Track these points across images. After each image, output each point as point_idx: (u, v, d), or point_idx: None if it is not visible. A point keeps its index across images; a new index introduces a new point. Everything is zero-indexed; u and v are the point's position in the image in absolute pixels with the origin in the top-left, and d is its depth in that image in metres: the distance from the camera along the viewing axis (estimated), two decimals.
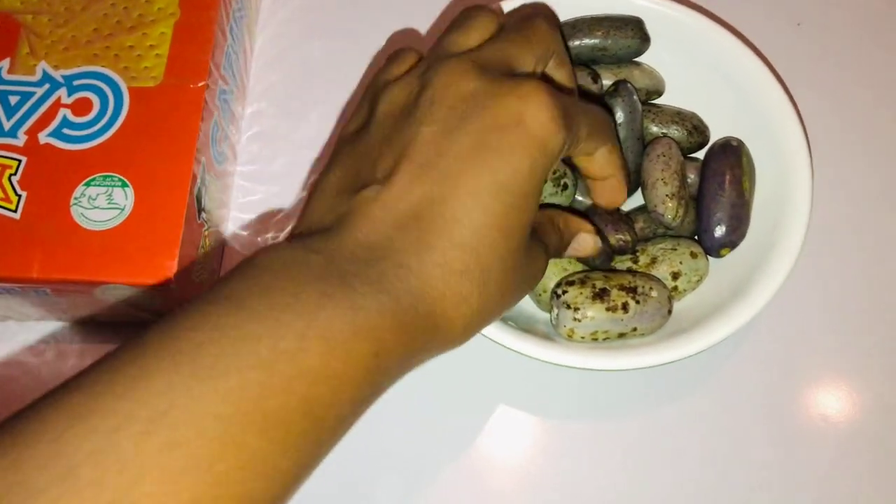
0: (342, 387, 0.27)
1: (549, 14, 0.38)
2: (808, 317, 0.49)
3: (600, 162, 0.39)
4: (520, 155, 0.31)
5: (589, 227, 0.41)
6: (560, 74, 0.39)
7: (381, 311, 0.29)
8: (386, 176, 0.32)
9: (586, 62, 0.48)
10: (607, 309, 0.41)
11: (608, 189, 0.41)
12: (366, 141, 0.34)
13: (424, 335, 0.30)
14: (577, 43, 0.47)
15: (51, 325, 0.49)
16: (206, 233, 0.47)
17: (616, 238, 0.43)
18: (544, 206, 0.43)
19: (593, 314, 0.41)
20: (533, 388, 0.47)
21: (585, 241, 0.41)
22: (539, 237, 0.37)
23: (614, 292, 0.41)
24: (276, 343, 0.26)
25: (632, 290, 0.41)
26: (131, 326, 0.49)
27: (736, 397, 0.47)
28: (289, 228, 0.51)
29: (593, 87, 0.46)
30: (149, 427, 0.24)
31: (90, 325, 0.49)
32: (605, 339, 0.41)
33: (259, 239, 0.51)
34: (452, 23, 0.38)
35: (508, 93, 0.32)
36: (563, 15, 0.48)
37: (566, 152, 0.35)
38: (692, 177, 0.47)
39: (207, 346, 0.26)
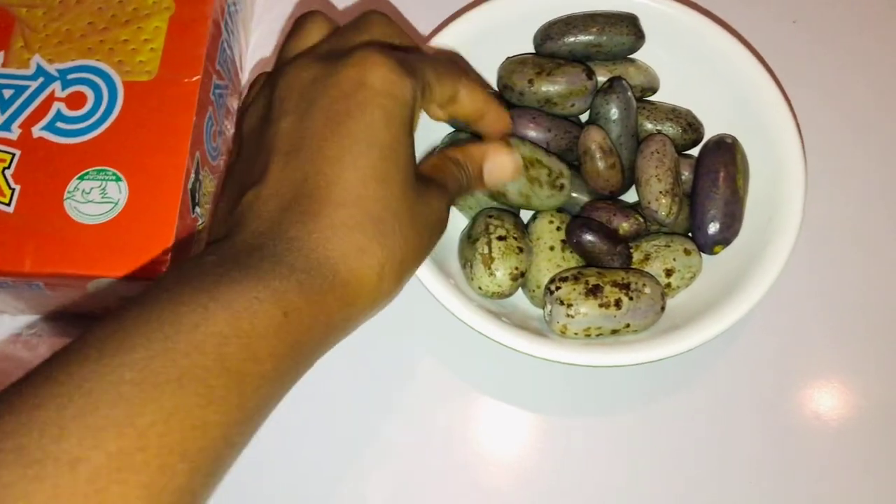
0: (254, 343, 0.29)
1: (379, 11, 0.39)
2: (801, 314, 0.49)
3: (466, 101, 0.39)
4: (371, 110, 0.33)
5: (496, 145, 0.41)
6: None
7: (280, 277, 0.30)
8: (260, 176, 0.34)
9: (581, 58, 0.48)
10: (600, 305, 0.41)
11: (491, 121, 0.41)
12: (241, 160, 0.37)
13: (336, 292, 0.31)
14: (571, 39, 0.47)
15: (43, 319, 0.49)
16: (200, 227, 0.47)
17: (628, 224, 0.43)
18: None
19: (586, 311, 0.41)
20: (526, 384, 0.47)
21: (499, 160, 0.41)
22: (437, 180, 0.37)
23: (607, 289, 0.41)
24: (178, 319, 0.28)
25: (625, 287, 0.41)
26: None
27: (729, 394, 0.47)
28: None
29: (588, 84, 0.46)
30: (69, 399, 0.26)
31: (84, 319, 0.49)
32: (598, 336, 0.41)
33: None
34: (289, 32, 0.40)
35: (345, 65, 0.34)
36: (558, 11, 0.48)
37: (426, 100, 0.36)
38: (686, 174, 0.47)
39: (114, 336, 0.28)
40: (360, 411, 0.47)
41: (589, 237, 0.42)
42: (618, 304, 0.41)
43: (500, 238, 0.42)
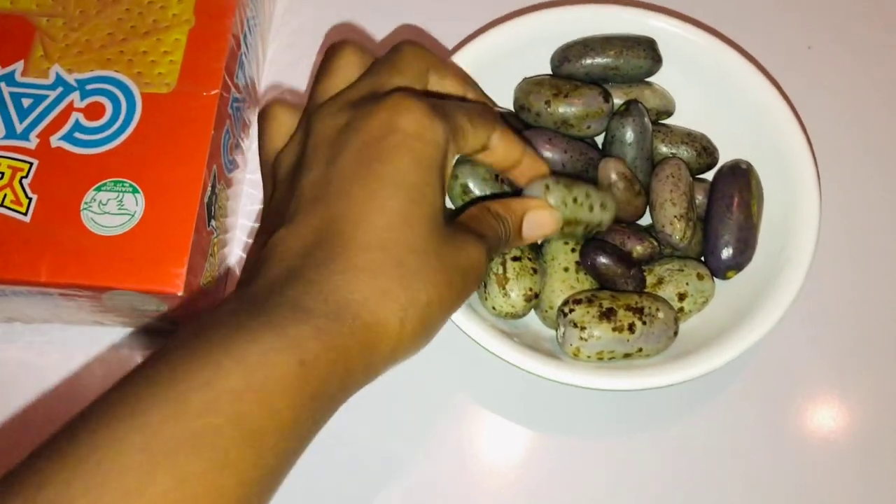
0: (270, 397, 0.28)
1: (413, 41, 0.39)
2: (811, 340, 0.49)
3: (501, 148, 0.39)
4: (401, 153, 0.33)
5: (534, 202, 0.40)
6: (446, 85, 0.40)
7: (297, 322, 0.29)
8: (289, 219, 0.33)
9: (597, 81, 0.48)
10: (614, 329, 0.41)
11: (528, 168, 0.41)
12: (274, 204, 0.36)
13: (357, 336, 0.30)
14: (588, 62, 0.47)
15: (57, 328, 0.49)
16: (215, 240, 0.47)
17: (642, 248, 0.44)
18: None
19: (600, 334, 0.41)
20: (531, 404, 0.47)
21: (540, 218, 0.39)
22: (473, 228, 0.36)
23: (621, 312, 0.41)
24: (190, 376, 0.28)
25: (639, 311, 0.41)
26: (138, 331, 0.49)
27: (736, 419, 0.47)
28: None
29: (604, 107, 0.46)
30: (74, 474, 0.26)
31: (97, 329, 0.49)
32: (610, 360, 0.42)
33: None
34: (319, 68, 0.39)
35: (376, 110, 0.34)
36: (577, 33, 0.48)
37: (458, 146, 0.36)
38: (700, 198, 0.47)
39: (124, 400, 0.28)
40: (367, 427, 0.47)
41: (603, 260, 0.43)
42: (631, 328, 0.41)
43: (515, 258, 0.43)
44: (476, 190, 0.45)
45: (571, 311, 0.41)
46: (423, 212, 0.33)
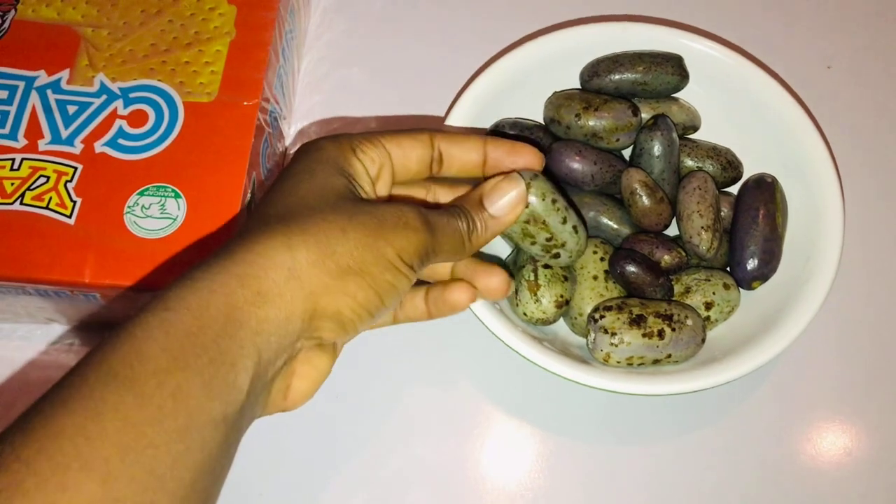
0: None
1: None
2: (834, 350, 0.50)
3: (456, 150, 0.41)
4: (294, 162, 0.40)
5: (502, 177, 0.40)
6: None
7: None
8: None
9: (626, 95, 0.49)
10: (644, 335, 0.42)
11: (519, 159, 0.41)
12: None
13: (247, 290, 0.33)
14: (617, 77, 0.49)
15: (95, 329, 0.51)
16: None
17: (670, 257, 0.45)
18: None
19: (630, 340, 0.42)
20: (553, 408, 0.48)
21: (505, 186, 0.39)
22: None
23: (651, 319, 0.42)
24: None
25: (668, 318, 0.42)
26: None
27: (760, 428, 0.48)
28: None
29: (633, 120, 0.47)
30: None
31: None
32: (639, 365, 0.43)
33: None
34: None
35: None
36: (606, 49, 0.50)
37: (370, 155, 0.39)
38: (725, 210, 0.48)
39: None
40: (389, 427, 0.48)
41: (632, 268, 0.44)
42: (661, 334, 0.42)
43: (546, 266, 0.44)
44: None
45: (602, 317, 0.43)
46: (313, 186, 0.36)
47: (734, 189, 0.50)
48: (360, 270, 0.34)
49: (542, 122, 0.50)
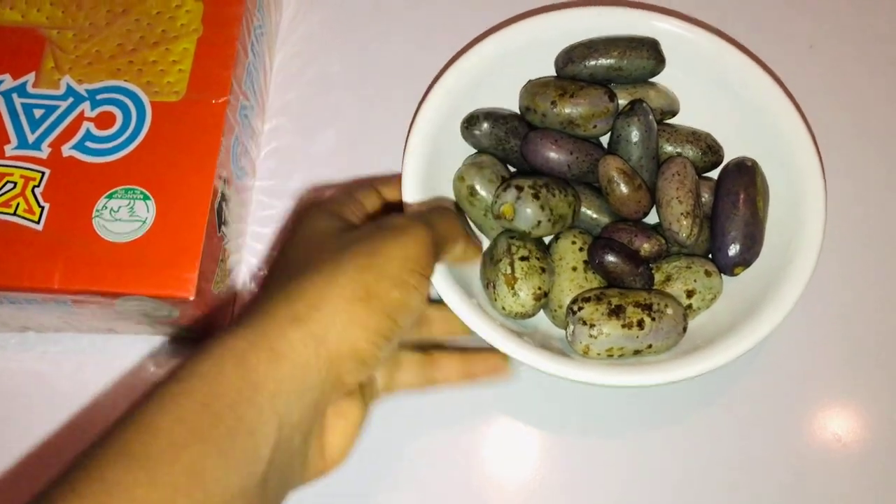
0: None
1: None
2: (820, 335, 0.49)
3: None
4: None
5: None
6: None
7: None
8: None
9: (602, 81, 0.48)
10: (623, 326, 0.41)
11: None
12: None
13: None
14: (592, 63, 0.48)
15: (70, 337, 0.50)
16: (226, 246, 0.48)
17: (649, 245, 0.44)
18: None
19: (609, 331, 0.41)
20: (541, 403, 0.48)
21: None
22: None
23: (630, 309, 0.41)
24: None
25: (647, 308, 0.42)
26: (148, 340, 0.50)
27: (747, 415, 0.47)
28: None
29: (610, 106, 0.46)
30: None
31: (110, 337, 0.50)
32: (620, 356, 0.42)
33: (274, 253, 0.52)
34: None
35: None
36: (580, 35, 0.49)
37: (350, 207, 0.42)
38: (706, 196, 0.47)
39: None
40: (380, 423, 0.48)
41: (611, 258, 0.43)
42: (640, 324, 0.41)
43: (523, 258, 0.43)
44: (482, 191, 0.45)
45: (580, 308, 0.42)
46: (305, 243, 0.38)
47: (715, 174, 0.49)
48: (365, 296, 0.33)
49: (517, 111, 0.49)
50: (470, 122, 0.47)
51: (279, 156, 0.54)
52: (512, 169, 0.49)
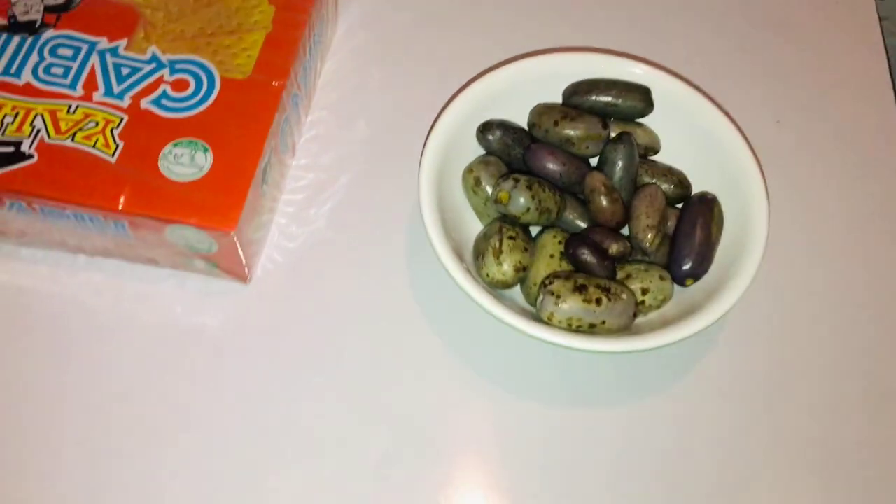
0: None
1: None
2: (760, 332, 0.58)
3: None
4: None
5: None
6: None
7: None
8: None
9: (599, 113, 0.57)
10: (583, 300, 0.49)
11: None
12: None
13: None
14: (594, 97, 0.57)
15: (114, 265, 0.57)
16: (265, 202, 0.56)
17: (617, 247, 0.52)
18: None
19: (571, 303, 0.49)
20: (523, 373, 0.55)
21: None
22: None
23: (592, 289, 0.50)
24: None
25: (606, 290, 0.50)
26: (182, 280, 0.58)
27: (704, 396, 0.55)
28: (330, 205, 0.61)
29: (602, 132, 0.55)
30: None
31: (149, 269, 0.58)
32: (578, 327, 0.50)
33: (302, 213, 0.61)
34: None
35: None
36: (587, 74, 0.58)
37: None
38: (671, 223, 0.56)
39: None
40: (364, 384, 0.55)
41: (583, 250, 0.51)
42: (598, 301, 0.49)
43: (511, 238, 0.52)
44: (485, 184, 0.54)
45: (551, 283, 0.50)
46: None
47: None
48: None
49: (525, 125, 0.58)
50: (485, 128, 0.57)
51: (317, 142, 0.63)
52: None
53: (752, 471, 0.53)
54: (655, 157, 0.59)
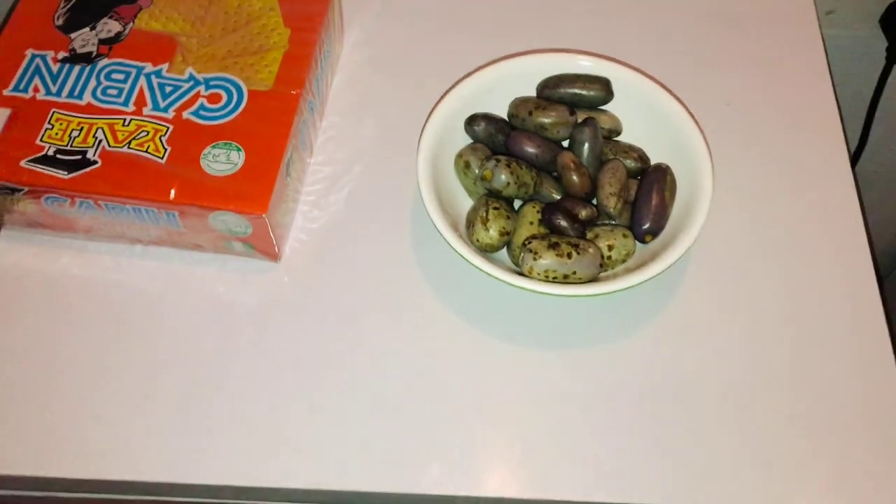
0: None
1: None
2: (714, 283, 0.67)
3: None
4: None
5: None
6: None
7: None
8: None
9: (568, 103, 0.68)
10: (557, 255, 0.59)
11: None
12: None
13: None
14: (562, 90, 0.68)
15: (164, 253, 0.68)
16: (289, 192, 0.67)
17: (586, 212, 0.62)
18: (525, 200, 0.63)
19: (547, 258, 0.59)
20: (507, 322, 0.65)
21: None
22: None
23: (563, 245, 0.60)
24: None
25: (576, 246, 0.60)
26: (223, 263, 0.68)
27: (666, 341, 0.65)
28: (346, 191, 0.71)
29: (570, 119, 0.66)
30: None
31: (194, 255, 0.68)
32: (553, 278, 0.60)
33: (322, 199, 0.71)
34: None
35: None
36: (556, 70, 0.69)
37: None
38: (633, 192, 0.66)
39: None
40: (379, 337, 0.65)
41: (557, 216, 0.61)
42: (569, 255, 0.59)
43: (495, 208, 0.62)
44: (473, 166, 0.64)
45: (530, 242, 0.60)
46: None
47: None
48: None
49: (505, 116, 0.69)
50: (471, 120, 0.67)
51: (331, 142, 0.74)
52: None
53: (708, 393, 0.63)
54: (619, 138, 0.70)
